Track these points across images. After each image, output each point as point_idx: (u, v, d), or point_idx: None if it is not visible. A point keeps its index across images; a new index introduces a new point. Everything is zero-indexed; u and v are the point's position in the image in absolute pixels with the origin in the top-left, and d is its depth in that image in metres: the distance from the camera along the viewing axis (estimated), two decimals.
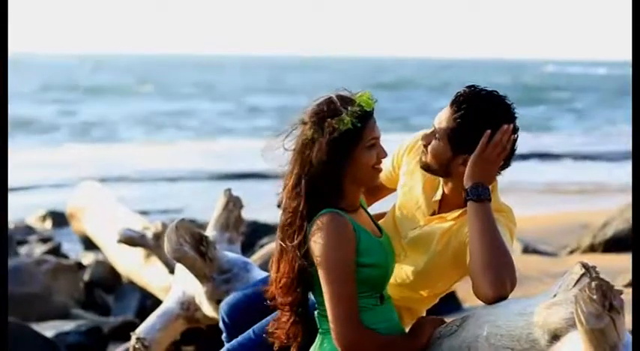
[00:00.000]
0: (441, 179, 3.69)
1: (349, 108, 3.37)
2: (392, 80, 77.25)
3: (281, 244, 3.44)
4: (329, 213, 3.35)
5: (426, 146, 3.62)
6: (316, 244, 3.32)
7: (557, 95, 59.89)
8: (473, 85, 3.57)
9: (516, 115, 3.56)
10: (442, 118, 3.57)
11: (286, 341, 3.50)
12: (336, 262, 3.30)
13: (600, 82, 76.43)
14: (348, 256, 3.32)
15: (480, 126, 3.47)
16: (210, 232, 5.45)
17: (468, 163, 3.48)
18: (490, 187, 3.53)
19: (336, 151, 3.35)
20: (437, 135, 3.57)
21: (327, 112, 3.39)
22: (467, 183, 3.47)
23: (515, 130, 3.55)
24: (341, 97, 3.44)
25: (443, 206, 3.70)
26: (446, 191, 3.68)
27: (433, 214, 3.72)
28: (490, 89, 3.56)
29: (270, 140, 3.51)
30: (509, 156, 3.54)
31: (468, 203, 3.43)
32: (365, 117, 3.40)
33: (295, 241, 3.37)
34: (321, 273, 3.33)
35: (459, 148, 3.52)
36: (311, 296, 3.49)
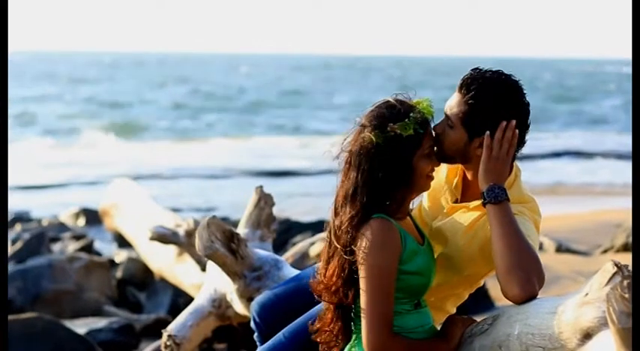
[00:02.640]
0: (461, 166, 3.66)
1: (411, 114, 3.34)
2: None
3: (330, 247, 3.43)
4: (379, 219, 3.33)
5: (439, 136, 3.55)
6: (361, 248, 3.30)
7: (591, 95, 59.52)
8: (477, 68, 3.53)
9: (524, 90, 3.52)
10: (452, 104, 3.53)
11: (328, 339, 3.49)
12: (378, 268, 3.28)
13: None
14: (391, 263, 3.30)
15: (492, 104, 3.44)
16: (241, 230, 5.45)
17: (479, 167, 3.44)
18: (512, 177, 3.53)
19: (397, 156, 3.32)
20: (450, 122, 3.52)
21: (388, 116, 3.35)
22: (482, 187, 3.42)
23: (526, 105, 3.51)
24: (401, 102, 3.40)
25: (467, 194, 3.68)
26: (469, 177, 3.64)
27: (456, 201, 3.70)
28: (494, 69, 3.53)
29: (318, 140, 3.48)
30: (521, 136, 3.49)
31: (487, 206, 3.40)
32: (425, 124, 3.38)
33: (346, 245, 3.35)
34: (361, 276, 3.31)
35: (474, 130, 3.48)
36: None
